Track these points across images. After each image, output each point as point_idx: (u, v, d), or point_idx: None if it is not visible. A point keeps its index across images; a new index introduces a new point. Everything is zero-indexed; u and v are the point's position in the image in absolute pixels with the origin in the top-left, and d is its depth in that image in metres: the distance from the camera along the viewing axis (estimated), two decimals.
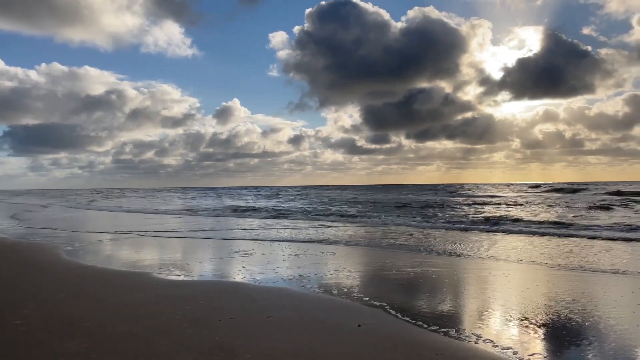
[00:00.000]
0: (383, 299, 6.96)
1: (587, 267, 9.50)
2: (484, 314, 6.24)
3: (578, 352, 4.81)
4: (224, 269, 9.69)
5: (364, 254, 11.99)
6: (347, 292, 7.49)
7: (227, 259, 11.10)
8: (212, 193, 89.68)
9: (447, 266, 9.88)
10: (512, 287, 7.83)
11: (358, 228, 19.27)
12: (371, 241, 14.78)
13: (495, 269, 9.59)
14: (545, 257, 10.98)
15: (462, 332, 5.38)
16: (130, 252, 12.41)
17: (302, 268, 9.61)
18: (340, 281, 8.34)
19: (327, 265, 10.21)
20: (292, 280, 8.40)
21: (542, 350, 4.87)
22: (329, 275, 8.97)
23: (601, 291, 7.51)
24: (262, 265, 10.06)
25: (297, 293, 7.45)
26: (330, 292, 7.48)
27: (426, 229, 18.10)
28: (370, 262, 10.81)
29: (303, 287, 7.84)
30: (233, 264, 10.32)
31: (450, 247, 12.93)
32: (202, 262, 10.72)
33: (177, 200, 54.92)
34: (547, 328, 5.57)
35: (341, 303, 6.81)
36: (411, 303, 6.81)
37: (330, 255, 11.58)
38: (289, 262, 10.49)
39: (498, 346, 4.94)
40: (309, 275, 8.85)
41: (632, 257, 11.11)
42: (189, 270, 9.50)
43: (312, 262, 10.41)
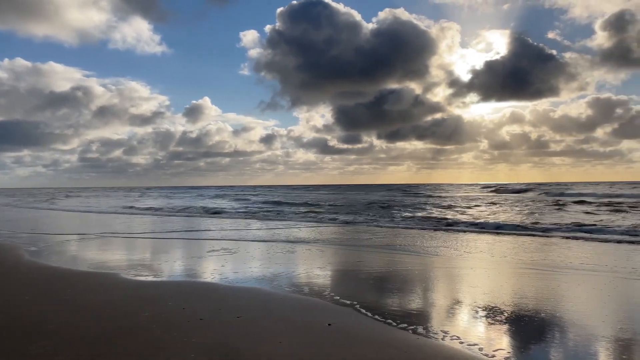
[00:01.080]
0: (354, 297, 7.02)
1: (550, 265, 9.79)
2: (451, 312, 6.37)
3: (541, 347, 4.96)
4: (194, 269, 9.59)
5: (335, 253, 12.04)
6: (318, 291, 7.52)
7: (197, 259, 10.99)
8: (179, 192, 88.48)
9: (416, 265, 10.02)
10: (479, 284, 8.00)
11: (328, 228, 19.35)
12: (342, 240, 14.86)
13: (463, 267, 9.79)
14: (508, 255, 11.27)
15: (430, 330, 5.48)
16: (97, 253, 12.14)
17: (273, 268, 9.60)
18: (311, 280, 8.37)
19: (299, 264, 10.23)
20: (263, 280, 8.38)
21: (507, 346, 5.00)
22: (300, 275, 8.99)
23: (563, 288, 7.75)
24: (233, 265, 9.99)
25: (267, 293, 7.44)
26: (301, 292, 7.50)
27: (397, 228, 18.32)
28: (342, 261, 10.86)
29: (274, 287, 7.83)
30: (203, 264, 10.22)
31: (419, 246, 13.12)
32: (171, 263, 10.57)
33: (146, 199, 54.07)
34: (512, 324, 5.73)
35: (312, 302, 6.83)
36: (381, 301, 6.88)
37: (302, 254, 11.60)
38: (260, 262, 10.45)
39: (464, 343, 5.05)
40: (281, 275, 8.84)
41: (590, 254, 11.50)
42: (158, 271, 9.37)
43: (283, 262, 10.41)
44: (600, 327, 5.58)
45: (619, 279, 8.38)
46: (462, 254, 11.53)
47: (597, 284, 8.05)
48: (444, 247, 12.96)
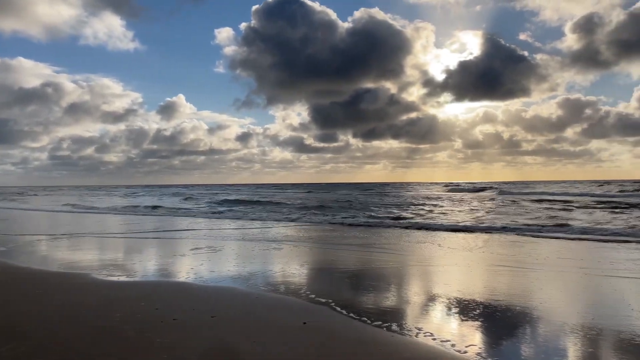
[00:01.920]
0: (329, 296, 7.05)
1: (520, 263, 10.02)
2: (425, 309, 6.45)
3: (512, 343, 5.07)
4: (167, 269, 9.47)
5: (311, 252, 12.07)
6: (294, 290, 7.53)
7: (171, 258, 10.86)
8: (149, 191, 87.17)
9: (391, 262, 10.13)
10: (452, 282, 8.13)
11: (304, 227, 19.37)
12: (317, 239, 14.90)
13: (436, 264, 9.93)
14: (482, 253, 11.48)
15: (404, 327, 5.54)
16: (68, 253, 11.89)
17: (249, 267, 9.56)
18: (287, 279, 8.37)
19: (275, 263, 10.22)
20: (238, 280, 8.34)
21: (479, 341, 5.10)
22: (276, 273, 8.98)
23: (534, 285, 7.94)
24: (208, 264, 9.91)
25: (243, 292, 7.40)
26: (277, 291, 7.49)
27: (371, 228, 18.46)
28: (317, 260, 10.89)
29: (250, 286, 7.81)
30: (177, 263, 10.11)
31: (393, 244, 13.25)
32: (144, 262, 10.42)
33: (117, 199, 53.17)
34: (484, 321, 5.84)
35: (287, 301, 6.83)
36: (356, 299, 6.93)
37: (278, 253, 11.58)
38: (235, 261, 10.39)
39: (437, 339, 5.12)
40: (256, 274, 8.82)
41: (551, 252, 11.80)
42: (131, 271, 9.22)
43: (259, 261, 10.38)
44: (568, 322, 5.73)
45: (583, 275, 8.63)
46: (434, 252, 11.69)
47: (561, 280, 8.27)
48: (412, 244, 13.12)
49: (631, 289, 7.65)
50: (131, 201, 45.54)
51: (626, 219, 19.59)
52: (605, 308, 6.47)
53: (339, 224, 20.07)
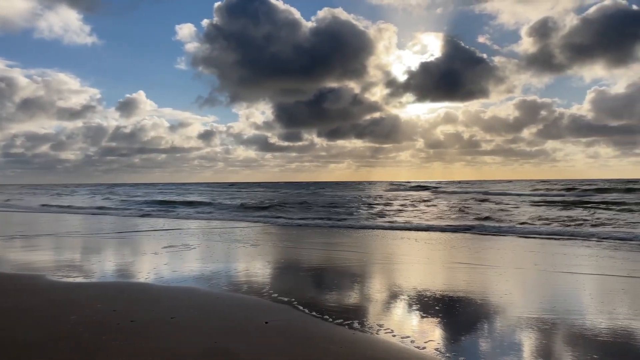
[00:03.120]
0: (292, 294, 7.04)
1: (477, 261, 10.28)
2: (386, 306, 6.54)
3: (469, 337, 5.20)
4: (127, 270, 9.25)
5: (274, 250, 12.03)
6: (257, 289, 7.48)
7: (130, 258, 10.61)
8: (100, 190, 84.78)
9: (353, 261, 10.21)
10: (412, 279, 8.27)
11: (265, 227, 19.29)
12: (278, 237, 14.87)
13: (397, 262, 10.08)
14: (440, 251, 11.73)
15: (365, 324, 5.60)
16: (20, 254, 11.44)
17: (211, 266, 9.44)
18: (250, 279, 8.31)
19: (238, 262, 10.13)
20: (200, 279, 8.22)
21: (438, 337, 5.20)
22: (238, 273, 8.90)
23: (491, 282, 8.17)
24: (169, 264, 9.73)
25: (204, 292, 7.30)
26: (239, 290, 7.43)
27: (332, 228, 18.56)
28: (280, 258, 10.86)
29: (211, 286, 7.71)
30: (136, 263, 9.89)
31: (354, 243, 13.37)
32: (102, 263, 10.13)
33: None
34: (443, 317, 5.96)
35: (249, 301, 6.79)
36: (319, 298, 6.95)
37: (242, 252, 11.49)
38: (196, 260, 10.24)
39: (397, 336, 5.20)
40: (218, 274, 8.71)
41: (514, 251, 12.19)
42: (88, 272, 8.95)
43: (221, 260, 10.26)
44: (523, 316, 5.93)
45: (534, 273, 8.94)
46: (391, 251, 11.86)
47: (513, 277, 8.55)
48: (369, 244, 13.28)
49: (582, 284, 7.97)
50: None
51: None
52: (558, 302, 6.71)
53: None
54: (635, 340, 5.11)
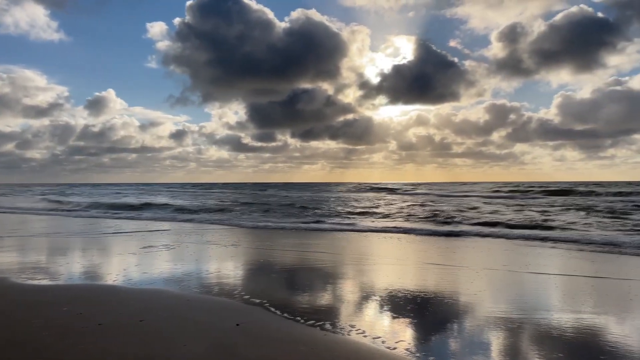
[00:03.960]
0: (263, 296, 7.00)
1: (446, 261, 10.43)
2: (358, 307, 6.56)
3: (439, 337, 5.27)
4: (94, 271, 9.03)
5: (246, 252, 11.94)
6: (228, 291, 7.41)
7: (98, 259, 10.36)
8: (63, 189, 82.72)
9: (324, 262, 10.22)
10: (384, 280, 8.33)
11: (236, 227, 19.14)
12: (250, 238, 14.78)
13: (369, 263, 10.14)
14: (411, 253, 11.86)
15: (337, 325, 5.60)
16: None
17: (181, 268, 9.30)
18: (221, 280, 8.22)
19: (208, 264, 10.01)
20: (170, 281, 8.10)
21: (408, 337, 5.25)
22: (210, 274, 8.80)
23: (461, 283, 8.29)
24: (138, 265, 9.55)
25: (174, 294, 7.19)
26: (210, 292, 7.34)
27: (302, 229, 18.54)
28: (252, 260, 10.78)
29: (182, 288, 7.60)
30: (104, 265, 9.67)
31: (325, 244, 13.39)
32: (69, 264, 9.86)
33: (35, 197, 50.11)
34: (413, 317, 6.02)
35: (221, 303, 6.71)
36: (291, 299, 6.93)
37: (211, 253, 11.37)
38: (166, 261, 10.08)
39: (369, 336, 5.23)
40: (189, 275, 8.59)
41: (477, 251, 12.42)
42: (54, 274, 8.71)
43: (192, 261, 10.13)
44: (491, 316, 6.04)
45: (499, 273, 9.13)
46: (362, 252, 11.93)
47: (484, 276, 8.71)
48: (339, 245, 13.33)
49: (546, 284, 8.17)
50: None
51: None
52: (525, 302, 6.86)
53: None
54: (599, 338, 5.26)
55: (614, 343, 5.06)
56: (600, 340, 5.19)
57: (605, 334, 5.38)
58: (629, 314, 6.28)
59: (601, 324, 5.74)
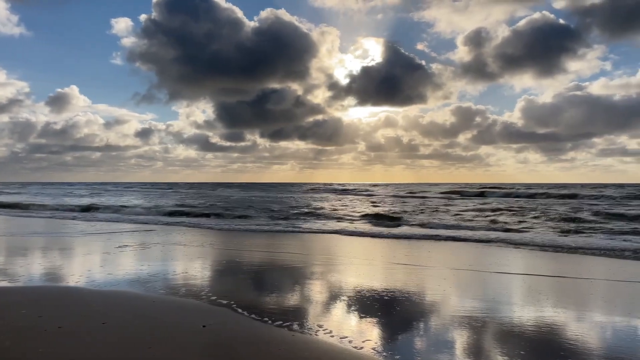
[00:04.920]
0: (231, 297, 6.94)
1: (412, 262, 10.58)
2: (326, 307, 6.58)
3: (405, 336, 5.33)
4: (55, 272, 8.76)
5: (213, 252, 11.81)
6: (195, 292, 7.31)
7: (59, 259, 10.06)
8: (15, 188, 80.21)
9: (292, 262, 10.21)
10: (351, 280, 8.38)
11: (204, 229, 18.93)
12: (216, 238, 14.63)
13: (337, 263, 10.18)
14: (376, 253, 11.98)
15: (305, 326, 5.60)
16: None
17: (147, 269, 9.12)
18: (188, 281, 8.11)
19: (176, 265, 9.85)
20: (135, 283, 7.93)
21: (375, 337, 5.30)
22: (176, 275, 8.66)
23: (426, 283, 8.42)
24: (102, 266, 9.31)
25: (139, 296, 7.05)
26: (176, 294, 7.22)
27: (269, 230, 18.50)
28: (220, 260, 10.68)
29: (147, 290, 7.45)
30: (66, 265, 9.39)
31: (291, 244, 13.38)
32: (28, 265, 9.54)
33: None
34: (380, 317, 6.08)
35: (187, 304, 6.62)
36: (259, 300, 6.89)
37: (181, 254, 11.20)
38: (132, 262, 9.87)
39: (336, 336, 5.25)
40: (155, 276, 8.44)
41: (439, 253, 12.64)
42: (12, 275, 8.40)
43: (159, 262, 9.95)
44: (457, 315, 6.15)
45: (457, 272, 9.33)
46: (330, 252, 11.98)
47: (448, 276, 8.88)
48: (306, 246, 13.36)
49: (509, 284, 8.38)
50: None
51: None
52: (489, 302, 7.02)
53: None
54: (559, 336, 5.42)
55: (574, 340, 5.23)
56: (561, 337, 5.36)
57: (565, 331, 5.55)
58: (587, 312, 6.51)
59: (561, 322, 5.93)
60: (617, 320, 6.10)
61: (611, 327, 5.81)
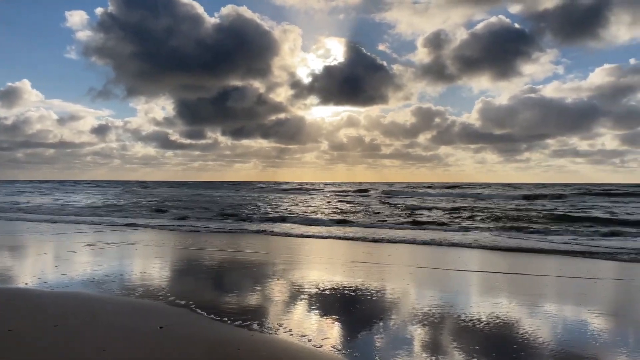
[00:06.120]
0: (189, 297, 6.83)
1: (370, 260, 10.72)
2: (286, 306, 6.57)
3: (365, 334, 5.38)
4: (4, 274, 8.39)
5: (173, 252, 11.60)
6: (153, 292, 7.16)
7: (9, 260, 9.64)
8: None
9: (251, 262, 10.15)
10: (309, 279, 8.41)
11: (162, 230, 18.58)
12: (176, 238, 14.40)
13: (294, 262, 10.20)
14: (333, 252, 12.07)
15: (264, 325, 5.58)
16: None
17: (103, 269, 8.86)
18: (145, 282, 7.92)
19: (133, 265, 9.62)
20: (90, 284, 7.69)
21: (335, 335, 5.33)
22: (134, 275, 8.45)
23: (379, 280, 8.54)
24: (55, 267, 8.98)
25: (94, 297, 6.84)
26: (133, 294, 7.05)
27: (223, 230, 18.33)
28: (179, 260, 10.50)
29: (102, 291, 7.24)
30: (17, 266, 9.01)
31: (249, 244, 13.31)
32: None
33: None
34: (341, 315, 6.12)
35: (144, 305, 6.47)
36: (218, 300, 6.81)
37: (138, 254, 10.94)
38: (88, 262, 9.57)
39: (296, 335, 5.25)
40: (112, 277, 8.21)
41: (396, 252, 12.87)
42: None
43: (115, 263, 9.68)
44: (414, 311, 6.27)
45: (413, 271, 9.52)
46: (288, 252, 11.99)
47: (404, 274, 9.05)
48: (266, 246, 13.33)
49: (463, 281, 8.61)
50: None
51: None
52: (445, 298, 7.18)
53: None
54: (512, 330, 5.61)
55: (525, 335, 5.42)
56: (513, 332, 5.54)
57: (518, 326, 5.75)
58: (539, 307, 6.75)
59: (514, 317, 6.13)
60: (567, 314, 6.37)
61: (561, 321, 6.05)
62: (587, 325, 5.90)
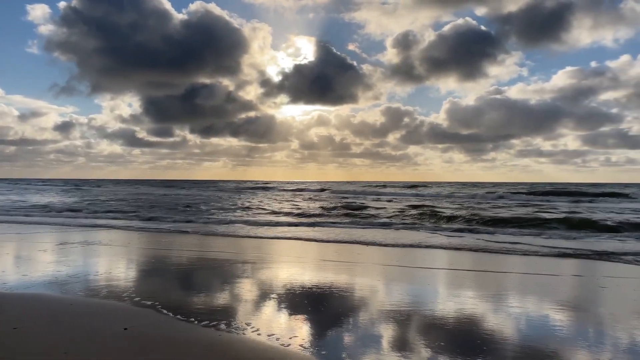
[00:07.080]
0: (155, 298, 6.72)
1: (338, 259, 10.78)
2: (254, 305, 6.54)
3: (333, 332, 5.41)
4: None
5: (139, 252, 11.40)
6: (117, 293, 7.01)
7: None
8: None
9: (219, 262, 10.07)
10: (278, 278, 8.40)
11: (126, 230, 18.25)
12: (142, 237, 14.17)
13: (262, 261, 10.17)
14: (302, 250, 12.10)
15: (232, 325, 5.54)
16: None
17: (66, 270, 8.63)
18: (110, 282, 7.76)
19: (97, 265, 9.40)
20: (52, 285, 7.48)
21: (303, 333, 5.33)
22: (98, 276, 8.26)
23: (350, 279, 8.61)
24: (14, 267, 8.70)
25: (55, 299, 6.66)
26: (97, 295, 6.89)
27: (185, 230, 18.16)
28: (145, 260, 10.32)
29: (65, 292, 7.06)
30: None
31: (218, 245, 13.22)
32: None
33: None
34: (309, 314, 6.13)
35: (108, 306, 6.33)
36: (185, 300, 6.72)
37: (103, 253, 10.69)
38: (49, 262, 9.31)
39: (263, 334, 5.23)
40: (75, 277, 8.00)
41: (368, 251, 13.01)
42: None
43: (79, 263, 9.45)
44: (380, 309, 6.34)
45: (387, 269, 9.64)
46: (258, 251, 11.97)
47: (374, 272, 9.14)
48: (235, 245, 13.27)
49: (433, 278, 8.76)
50: None
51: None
52: (414, 295, 7.29)
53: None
54: (478, 327, 5.73)
55: (490, 331, 5.55)
56: (478, 328, 5.66)
57: (483, 323, 5.88)
58: (503, 304, 6.92)
59: (479, 314, 6.27)
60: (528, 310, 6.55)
61: (524, 316, 6.22)
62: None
